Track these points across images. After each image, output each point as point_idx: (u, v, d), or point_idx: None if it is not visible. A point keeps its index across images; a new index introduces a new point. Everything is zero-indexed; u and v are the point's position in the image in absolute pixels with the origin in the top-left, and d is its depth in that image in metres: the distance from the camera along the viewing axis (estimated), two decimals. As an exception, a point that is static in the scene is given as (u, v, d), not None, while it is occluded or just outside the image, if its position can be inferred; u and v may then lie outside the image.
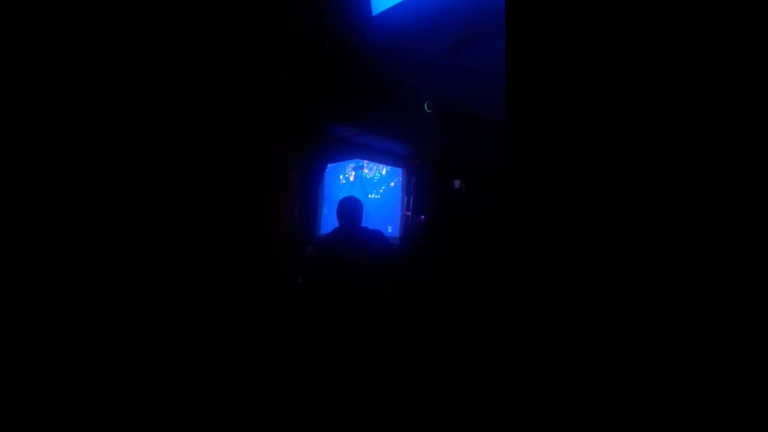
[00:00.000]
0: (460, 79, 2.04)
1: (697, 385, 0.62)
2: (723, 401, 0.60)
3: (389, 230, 3.55)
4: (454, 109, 2.44)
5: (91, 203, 0.86)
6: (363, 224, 2.05)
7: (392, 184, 4.39)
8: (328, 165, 2.87)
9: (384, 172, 4.35)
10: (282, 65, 1.95)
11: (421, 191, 2.49)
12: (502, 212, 0.81)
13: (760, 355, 0.58)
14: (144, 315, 0.90)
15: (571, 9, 0.73)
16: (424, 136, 2.45)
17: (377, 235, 2.03)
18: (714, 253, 0.62)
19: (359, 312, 1.79)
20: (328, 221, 2.97)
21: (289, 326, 1.78)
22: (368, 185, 4.41)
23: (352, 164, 4.20)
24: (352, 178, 4.31)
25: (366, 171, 4.39)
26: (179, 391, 0.93)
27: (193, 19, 0.97)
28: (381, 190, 4.40)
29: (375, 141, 2.46)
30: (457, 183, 2.43)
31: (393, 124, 2.42)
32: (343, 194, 3.35)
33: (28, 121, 0.83)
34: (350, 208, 2.00)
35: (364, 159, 3.24)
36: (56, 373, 0.83)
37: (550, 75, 0.76)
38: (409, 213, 2.59)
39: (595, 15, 0.71)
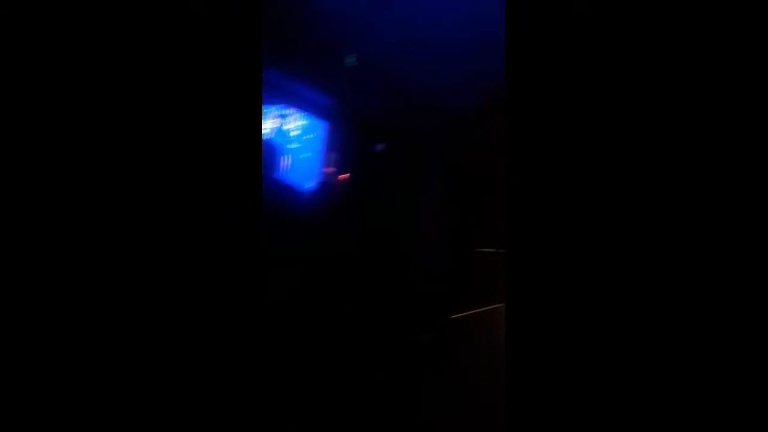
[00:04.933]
0: (385, 36, 2.02)
1: (695, 387, 0.65)
2: (720, 400, 0.64)
3: (304, 186, 3.46)
4: (382, 72, 2.43)
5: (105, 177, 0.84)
6: (279, 176, 1.99)
7: (309, 136, 4.20)
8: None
9: (303, 124, 4.15)
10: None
11: (343, 150, 2.47)
12: (506, 212, 0.82)
13: (751, 356, 0.62)
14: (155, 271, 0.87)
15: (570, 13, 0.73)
16: (349, 94, 2.41)
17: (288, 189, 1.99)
18: (701, 261, 0.64)
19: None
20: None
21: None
22: (287, 137, 4.19)
23: (275, 111, 3.94)
24: (271, 125, 4.06)
25: (285, 124, 4.15)
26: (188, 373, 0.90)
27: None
28: (299, 143, 4.21)
29: (302, 89, 2.36)
30: (379, 146, 2.45)
31: (322, 77, 2.34)
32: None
33: (30, 126, 0.80)
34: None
35: (289, 106, 3.07)
36: (71, 371, 0.83)
37: (549, 81, 0.76)
38: (330, 170, 2.57)
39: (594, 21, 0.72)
